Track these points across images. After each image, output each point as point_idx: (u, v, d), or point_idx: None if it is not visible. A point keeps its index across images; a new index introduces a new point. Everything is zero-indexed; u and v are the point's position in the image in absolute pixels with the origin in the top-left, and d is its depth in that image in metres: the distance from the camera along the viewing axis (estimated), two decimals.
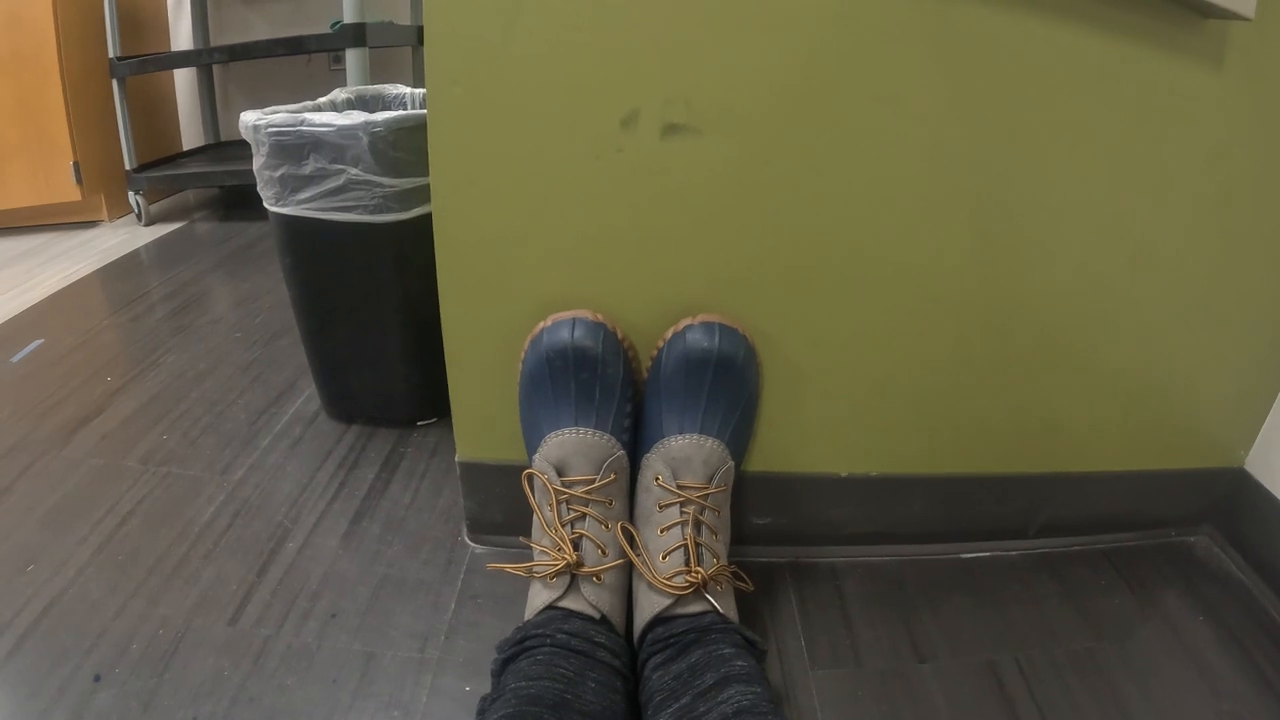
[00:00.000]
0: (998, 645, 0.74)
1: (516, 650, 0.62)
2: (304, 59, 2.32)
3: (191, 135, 2.46)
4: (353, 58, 1.78)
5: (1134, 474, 0.84)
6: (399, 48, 2.21)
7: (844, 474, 0.82)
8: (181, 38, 2.34)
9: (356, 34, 1.75)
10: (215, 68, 2.40)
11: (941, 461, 0.82)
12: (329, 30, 1.85)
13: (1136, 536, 0.88)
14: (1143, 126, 0.68)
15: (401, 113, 0.86)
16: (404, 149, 0.89)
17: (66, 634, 0.75)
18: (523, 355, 0.73)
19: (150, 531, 0.90)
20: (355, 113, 0.86)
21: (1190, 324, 0.77)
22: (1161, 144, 0.69)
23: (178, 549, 0.87)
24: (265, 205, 0.97)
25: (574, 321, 0.69)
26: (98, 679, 0.70)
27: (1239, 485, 0.85)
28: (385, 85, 1.23)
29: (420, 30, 2.17)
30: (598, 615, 0.65)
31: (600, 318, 0.71)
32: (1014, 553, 0.86)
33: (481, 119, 0.66)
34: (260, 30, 2.32)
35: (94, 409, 1.16)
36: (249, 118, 0.90)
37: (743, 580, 0.71)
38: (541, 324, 0.71)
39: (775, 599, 0.80)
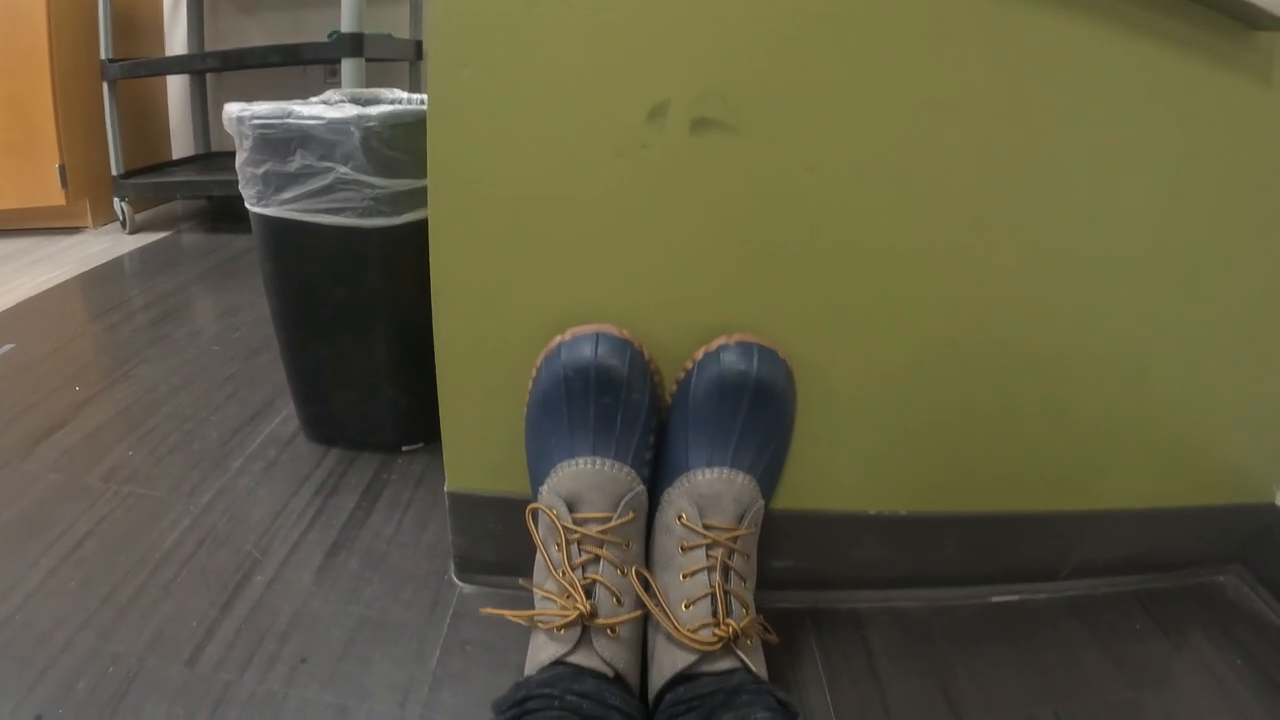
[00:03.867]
0: (1036, 698, 0.70)
1: (518, 712, 0.54)
2: (299, 70, 2.28)
3: (182, 144, 2.42)
4: (349, 68, 1.74)
5: (1166, 511, 0.81)
6: (397, 63, 2.17)
7: (873, 512, 0.76)
8: (176, 44, 2.31)
9: (354, 43, 1.72)
10: (208, 77, 2.36)
11: (976, 499, 0.77)
12: (326, 40, 1.80)
13: (1166, 577, 0.85)
14: (1193, 143, 0.64)
15: (399, 107, 0.80)
16: (399, 147, 0.83)
17: (8, 667, 0.69)
18: (534, 373, 0.67)
19: (107, 557, 0.83)
20: (348, 105, 0.80)
21: (1232, 353, 0.74)
22: (1212, 162, 0.65)
23: (135, 578, 0.81)
24: (246, 205, 0.91)
25: (597, 337, 0.63)
26: None
27: (1271, 521, 0.82)
28: (382, 89, 1.16)
29: (419, 45, 2.17)
30: (611, 673, 0.57)
31: (627, 334, 0.64)
32: (1043, 595, 0.82)
33: (491, 106, 0.61)
34: (257, 40, 2.27)
35: (59, 420, 1.11)
36: (232, 109, 0.84)
37: (769, 632, 0.64)
38: (559, 338, 0.65)
39: (796, 650, 0.74)
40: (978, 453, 0.75)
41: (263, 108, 0.83)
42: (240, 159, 0.88)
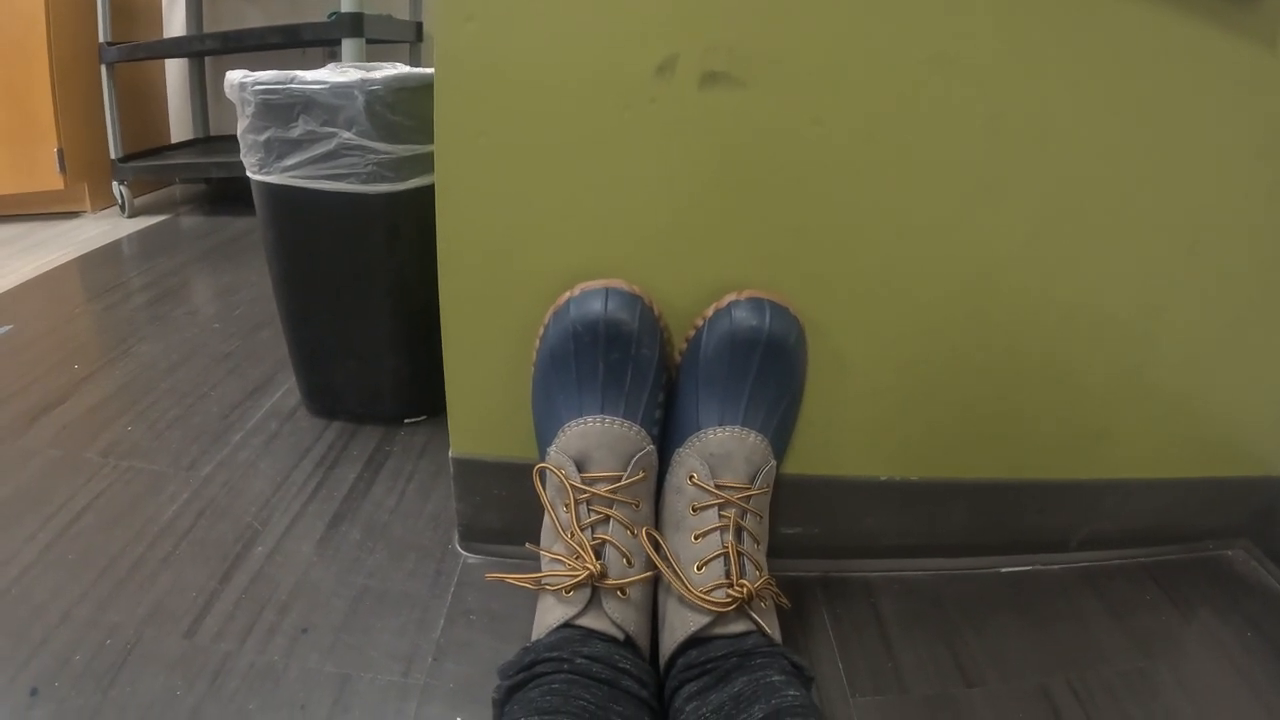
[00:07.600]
0: (1048, 667, 0.69)
1: (526, 676, 0.53)
2: (298, 54, 2.26)
3: (181, 128, 2.40)
4: (349, 49, 1.72)
5: (1175, 482, 0.80)
6: (397, 44, 2.16)
7: (883, 477, 0.75)
8: (175, 26, 2.29)
9: (354, 23, 1.71)
10: (207, 60, 2.34)
11: (987, 466, 0.77)
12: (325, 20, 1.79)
13: (1175, 550, 0.84)
14: (1198, 109, 0.63)
15: (403, 70, 0.79)
16: (403, 112, 0.82)
17: (4, 640, 0.68)
18: (542, 330, 0.65)
19: (105, 530, 0.82)
20: (352, 70, 0.79)
21: (1239, 323, 0.73)
22: (1216, 129, 0.64)
23: (133, 550, 0.80)
24: (248, 173, 0.89)
25: (607, 292, 0.61)
26: (34, 693, 0.63)
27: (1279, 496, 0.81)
28: (385, 64, 1.15)
29: (420, 26, 2.15)
30: (622, 636, 0.56)
31: (637, 289, 0.63)
32: (1055, 566, 0.82)
33: (497, 59, 0.60)
34: (255, 23, 2.25)
35: (57, 397, 1.10)
36: (235, 75, 0.83)
37: (781, 596, 0.63)
38: (568, 293, 0.64)
39: (807, 618, 0.73)
40: (988, 418, 0.74)
41: (265, 74, 0.82)
42: (242, 126, 0.86)
